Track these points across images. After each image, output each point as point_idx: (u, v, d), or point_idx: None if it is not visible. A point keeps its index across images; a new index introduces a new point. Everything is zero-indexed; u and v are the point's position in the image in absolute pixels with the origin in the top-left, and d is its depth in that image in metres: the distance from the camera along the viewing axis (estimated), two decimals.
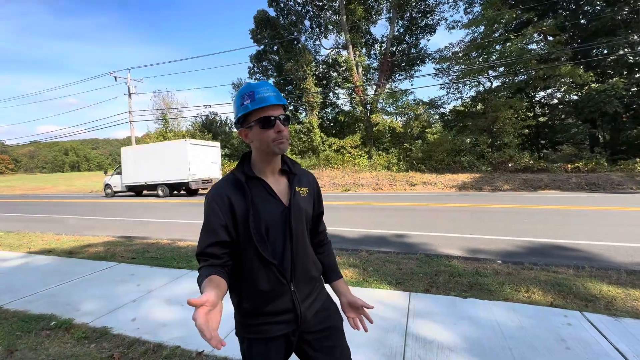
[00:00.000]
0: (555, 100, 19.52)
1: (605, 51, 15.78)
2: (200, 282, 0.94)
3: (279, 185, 1.09)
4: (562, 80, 16.07)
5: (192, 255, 4.67)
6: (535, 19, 17.14)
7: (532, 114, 19.56)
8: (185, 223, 7.98)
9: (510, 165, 15.70)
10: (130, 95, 24.18)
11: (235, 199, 1.01)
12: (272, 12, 23.78)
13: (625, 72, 15.58)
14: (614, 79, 14.70)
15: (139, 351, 2.27)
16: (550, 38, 16.86)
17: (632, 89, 15.06)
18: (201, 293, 0.89)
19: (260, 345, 1.04)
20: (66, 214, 10.91)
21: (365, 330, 1.19)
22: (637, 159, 13.61)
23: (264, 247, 1.00)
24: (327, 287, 1.26)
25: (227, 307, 2.79)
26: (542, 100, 20.12)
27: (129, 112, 24.26)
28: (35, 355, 2.27)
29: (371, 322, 1.19)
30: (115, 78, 23.98)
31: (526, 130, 18.15)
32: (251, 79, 26.31)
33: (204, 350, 2.26)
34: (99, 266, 4.33)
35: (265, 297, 1.02)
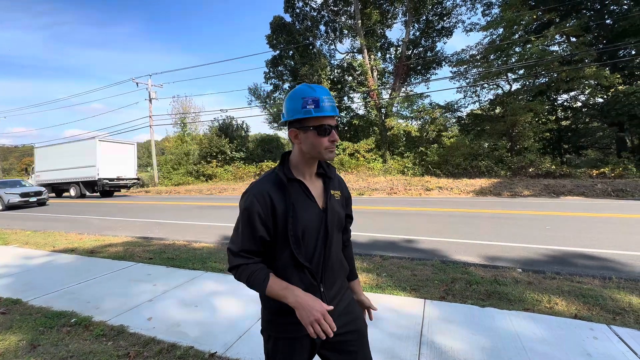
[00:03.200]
0: (579, 103, 18.77)
1: (634, 52, 15.10)
2: (261, 279, 1.01)
3: (315, 188, 1.11)
4: (587, 82, 15.45)
5: (207, 256, 4.74)
6: (557, 20, 16.61)
7: (553, 117, 18.91)
8: (200, 225, 8.12)
9: (530, 170, 15.17)
10: (150, 100, 24.99)
11: (277, 198, 1.03)
12: (288, 18, 24.13)
13: None
14: None
15: (154, 350, 2.31)
16: (574, 39, 16.28)
17: None
18: (264, 290, 1.00)
19: (285, 344, 1.06)
20: (89, 214, 11.33)
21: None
22: None
23: (299, 250, 1.02)
24: None
25: (240, 308, 2.76)
26: (565, 103, 19.40)
27: (149, 116, 25.04)
28: (56, 350, 2.35)
29: (371, 319, 1.31)
30: (137, 84, 24.88)
31: (547, 134, 17.53)
32: (267, 83, 26.69)
33: (217, 352, 2.27)
34: (117, 266, 4.46)
35: None
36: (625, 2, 15.30)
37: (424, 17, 22.54)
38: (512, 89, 18.71)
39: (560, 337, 2.31)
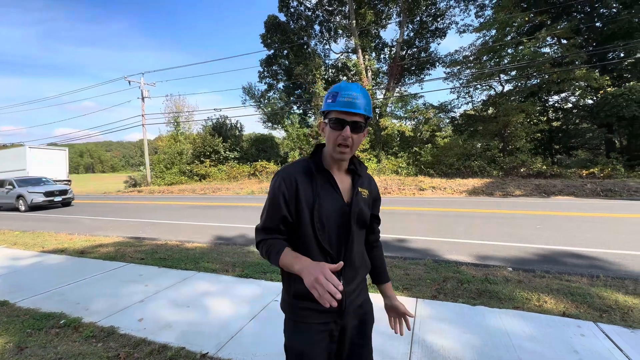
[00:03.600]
0: (570, 105, 19.06)
1: (622, 54, 15.37)
2: (276, 251, 1.03)
3: (343, 182, 1.13)
4: (577, 84, 15.69)
5: (199, 257, 4.71)
6: (549, 22, 16.83)
7: (545, 118, 19.16)
8: (193, 225, 8.06)
9: (522, 170, 15.36)
10: (143, 98, 24.71)
11: (303, 183, 1.06)
12: (282, 17, 24.05)
13: None
14: (632, 82, 14.29)
15: (145, 351, 2.29)
16: (564, 41, 16.50)
17: None
18: (278, 261, 1.01)
19: (305, 330, 1.08)
20: (80, 214, 11.16)
21: (401, 334, 1.29)
22: None
23: (323, 236, 1.05)
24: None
25: (233, 308, 2.74)
26: (556, 105, 19.66)
27: (142, 115, 24.77)
28: (44, 352, 2.31)
29: (409, 329, 1.27)
30: (129, 82, 24.56)
31: (539, 135, 17.76)
32: (261, 82, 26.59)
33: (208, 352, 2.26)
34: (108, 266, 4.40)
35: None
36: (615, 5, 15.57)
37: (418, 18, 22.64)
38: (505, 90, 18.91)
39: (548, 335, 2.35)
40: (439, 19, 22.66)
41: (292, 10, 23.98)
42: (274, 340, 2.36)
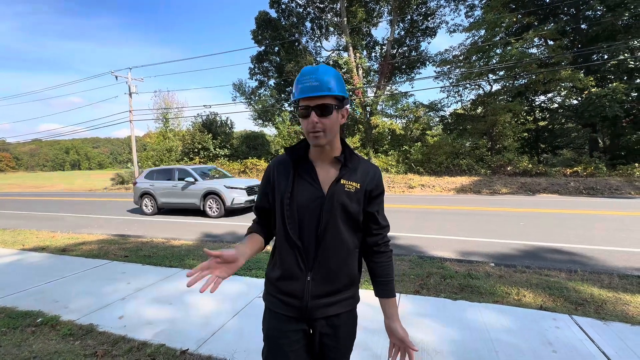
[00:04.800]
0: (556, 105, 19.46)
1: (606, 56, 15.76)
2: (246, 234, 1.15)
3: (326, 173, 1.07)
4: (563, 84, 16.03)
5: (185, 254, 4.66)
6: (536, 23, 17.15)
7: (531, 118, 19.53)
8: (181, 222, 7.97)
9: (509, 168, 15.65)
10: (130, 94, 24.21)
11: (281, 173, 1.09)
12: (273, 14, 23.85)
13: (625, 77, 15.53)
14: (614, 83, 14.67)
15: (123, 349, 2.25)
16: (551, 42, 16.83)
17: (632, 94, 14.98)
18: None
19: (273, 317, 1.09)
20: (65, 211, 10.91)
21: None
22: (636, 164, 13.55)
23: (292, 226, 1.03)
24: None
25: (215, 305, 2.73)
26: (542, 105, 20.06)
27: (130, 111, 24.29)
28: (18, 351, 2.26)
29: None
30: (116, 77, 24.00)
31: (526, 134, 18.11)
32: (252, 79, 26.35)
33: (188, 349, 2.24)
34: (90, 264, 4.32)
35: (284, 273, 1.07)
36: (599, 8, 15.94)
37: (409, 17, 22.74)
38: (493, 90, 19.19)
39: (524, 328, 2.40)
40: (429, 18, 22.81)
41: (283, 6, 23.80)
42: (255, 337, 2.35)
